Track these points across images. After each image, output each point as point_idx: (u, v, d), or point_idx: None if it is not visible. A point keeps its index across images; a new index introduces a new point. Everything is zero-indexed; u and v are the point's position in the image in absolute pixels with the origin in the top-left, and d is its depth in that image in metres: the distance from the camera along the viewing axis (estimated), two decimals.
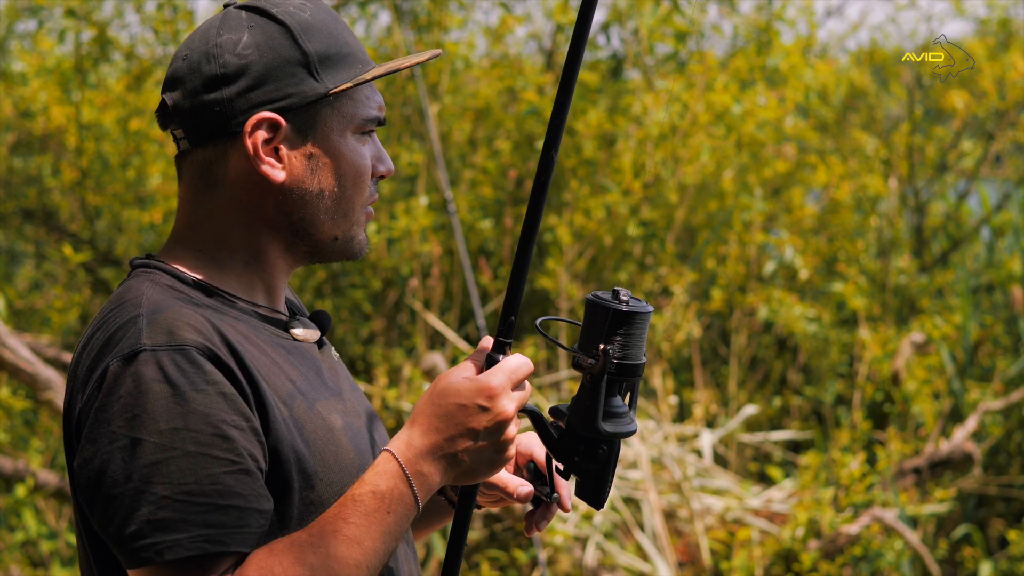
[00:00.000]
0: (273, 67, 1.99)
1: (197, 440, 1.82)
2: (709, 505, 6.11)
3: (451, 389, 1.92)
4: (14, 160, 8.26)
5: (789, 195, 7.80)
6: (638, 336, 1.98)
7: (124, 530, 1.81)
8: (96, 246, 7.61)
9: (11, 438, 6.24)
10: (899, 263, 8.17)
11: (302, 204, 2.03)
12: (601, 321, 1.97)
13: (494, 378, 1.92)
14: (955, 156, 8.81)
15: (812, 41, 8.46)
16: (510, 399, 1.92)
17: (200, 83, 1.99)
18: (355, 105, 2.04)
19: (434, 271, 7.12)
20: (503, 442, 1.93)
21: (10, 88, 8.03)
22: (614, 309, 1.96)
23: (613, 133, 7.26)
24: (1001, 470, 7.23)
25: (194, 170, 2.04)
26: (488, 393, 1.91)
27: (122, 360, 1.85)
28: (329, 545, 1.85)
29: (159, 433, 1.82)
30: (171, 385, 1.83)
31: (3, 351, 5.47)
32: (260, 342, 1.99)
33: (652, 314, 2.01)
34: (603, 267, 7.31)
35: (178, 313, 1.90)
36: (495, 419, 1.91)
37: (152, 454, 1.81)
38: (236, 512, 1.83)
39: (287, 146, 2.01)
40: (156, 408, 1.82)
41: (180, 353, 1.85)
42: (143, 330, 1.87)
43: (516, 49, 8.10)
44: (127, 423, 1.83)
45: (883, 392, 7.11)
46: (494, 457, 1.94)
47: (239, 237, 2.04)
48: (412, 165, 7.42)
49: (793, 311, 7.09)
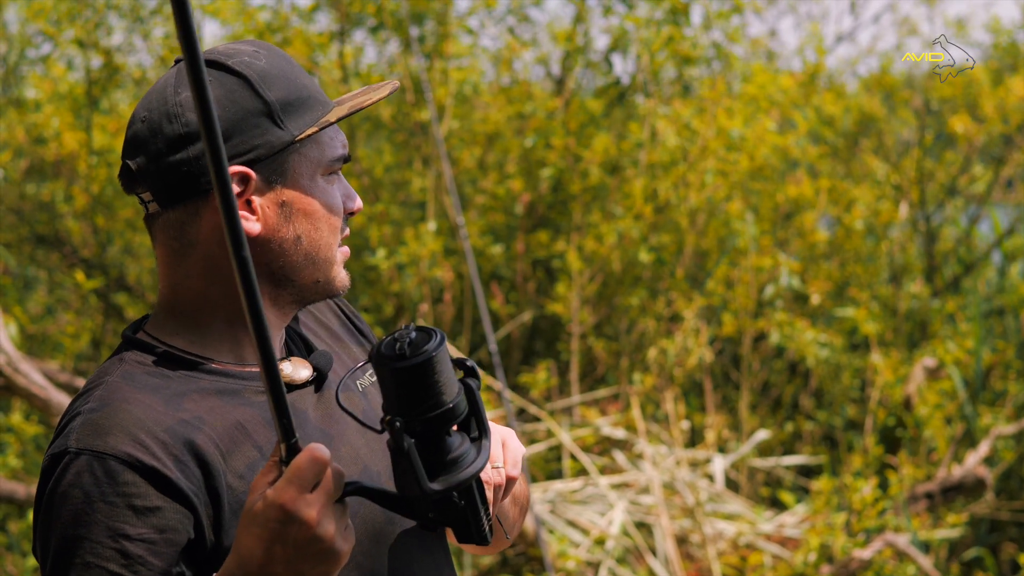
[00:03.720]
0: (236, 120, 1.95)
1: (95, 552, 1.81)
2: (721, 530, 6.10)
3: (247, 517, 1.77)
4: (27, 186, 8.28)
5: (800, 220, 7.80)
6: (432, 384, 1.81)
7: None
8: (108, 272, 7.63)
9: (24, 463, 6.25)
10: (911, 288, 8.16)
11: (280, 253, 1.99)
12: (387, 381, 1.81)
13: (281, 493, 1.74)
14: (966, 181, 8.81)
15: (820, 68, 8.48)
16: (307, 504, 1.74)
17: (164, 145, 1.94)
18: (321, 148, 2.01)
19: (446, 296, 7.13)
20: (321, 549, 1.76)
21: (23, 114, 8.07)
22: (390, 368, 1.80)
23: (620, 159, 7.27)
24: (1013, 495, 7.21)
25: (167, 232, 1.99)
26: (279, 511, 1.74)
27: (51, 458, 1.87)
28: None
29: (64, 539, 1.82)
30: (83, 491, 1.82)
31: (16, 376, 5.47)
32: (229, 409, 1.95)
33: (443, 344, 1.81)
34: (613, 292, 7.31)
35: (121, 412, 1.87)
36: (300, 531, 1.74)
37: (57, 557, 1.83)
38: None
39: (258, 198, 1.97)
40: (65, 514, 1.82)
41: (99, 460, 1.83)
42: (75, 429, 1.86)
43: (524, 74, 8.13)
44: (44, 523, 1.85)
45: (895, 417, 7.10)
46: (320, 566, 1.78)
47: (219, 295, 2.00)
48: (422, 191, 7.44)
49: (805, 336, 7.09)
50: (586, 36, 7.60)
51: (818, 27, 8.12)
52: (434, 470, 1.83)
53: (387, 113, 7.47)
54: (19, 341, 6.37)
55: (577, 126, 7.27)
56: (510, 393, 6.37)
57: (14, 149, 8.14)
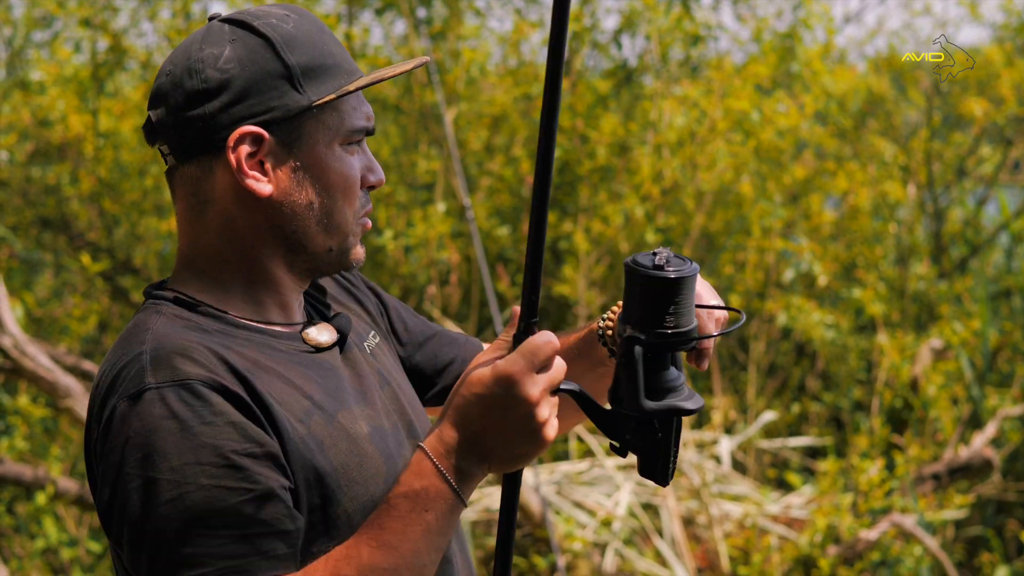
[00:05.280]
0: (255, 80, 1.97)
1: (210, 473, 1.82)
2: (728, 511, 6.10)
3: (473, 379, 1.85)
4: (32, 169, 8.28)
5: (807, 201, 7.78)
6: (677, 303, 1.84)
7: (153, 570, 1.82)
8: (114, 255, 7.63)
9: (31, 446, 6.26)
10: (918, 269, 8.15)
11: (292, 217, 2.01)
12: (634, 289, 1.86)
13: (512, 364, 1.83)
14: (974, 162, 8.79)
15: (831, 47, 8.46)
16: (533, 383, 1.83)
17: (183, 99, 1.98)
18: (341, 116, 2.03)
19: (452, 278, 7.13)
20: (533, 428, 1.84)
21: (28, 97, 8.06)
22: (653, 276, 1.84)
23: (628, 140, 7.25)
24: (1020, 476, 7.20)
25: (185, 187, 2.03)
26: (506, 380, 1.82)
27: (128, 400, 1.86)
28: (363, 554, 1.84)
29: (171, 470, 1.81)
30: (178, 421, 1.83)
31: (23, 359, 5.48)
32: (273, 364, 1.98)
33: (696, 273, 1.87)
34: (620, 274, 7.30)
35: (182, 347, 1.89)
36: (519, 405, 1.82)
37: (167, 492, 1.81)
38: (258, 540, 1.82)
39: (272, 160, 1.99)
40: (166, 445, 1.82)
41: (184, 388, 1.85)
42: (147, 368, 1.87)
43: (532, 56, 8.11)
44: (139, 463, 1.83)
45: (902, 398, 7.09)
46: (526, 443, 1.85)
47: (237, 255, 2.03)
48: (429, 172, 7.43)
49: (812, 317, 7.08)
50: (593, 17, 7.58)
51: (828, 7, 8.06)
52: (650, 391, 1.86)
53: (393, 95, 7.46)
54: (25, 324, 6.37)
55: (584, 107, 7.25)
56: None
57: (20, 132, 8.13)
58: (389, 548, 1.84)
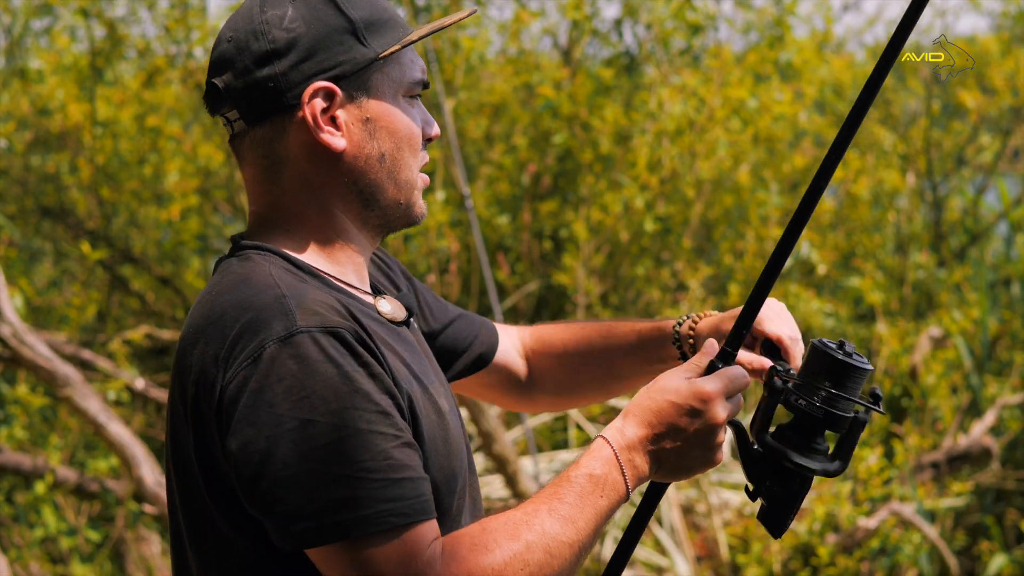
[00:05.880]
0: (321, 37, 2.00)
1: (365, 419, 1.82)
2: (727, 500, 6.11)
3: (669, 387, 1.97)
4: (31, 158, 8.27)
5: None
6: (850, 389, 2.00)
7: (302, 511, 1.80)
8: (113, 243, 7.63)
9: (30, 435, 6.26)
10: (917, 258, 8.15)
11: (366, 170, 2.04)
12: (817, 364, 2.02)
13: (711, 383, 1.97)
14: (973, 151, 8.79)
15: (829, 36, 8.45)
16: (723, 406, 1.97)
17: (251, 61, 1.99)
18: (402, 69, 2.06)
19: (451, 267, 7.12)
20: (710, 447, 1.98)
21: (27, 86, 8.05)
22: (831, 356, 2.00)
23: (629, 128, 7.25)
24: (1019, 464, 7.20)
25: (255, 150, 2.04)
26: (703, 396, 1.96)
27: (279, 341, 1.84)
28: (545, 522, 1.87)
29: (330, 413, 1.81)
30: (335, 365, 1.83)
31: (22, 348, 5.48)
32: (375, 327, 1.99)
33: (869, 373, 2.05)
34: (620, 263, 7.30)
35: (318, 296, 1.91)
36: (705, 423, 1.96)
37: (326, 435, 1.80)
38: (410, 484, 1.83)
39: (344, 114, 2.01)
40: (324, 389, 1.82)
41: (334, 335, 1.85)
42: (293, 311, 1.86)
43: (531, 45, 8.10)
44: (294, 405, 1.81)
45: (901, 386, 7.10)
46: (699, 459, 1.99)
47: (315, 214, 2.05)
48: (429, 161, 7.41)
49: (811, 306, 7.08)
50: (594, 6, 7.57)
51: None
52: (800, 448, 2.02)
53: None
54: (25, 313, 6.37)
55: (584, 96, 7.25)
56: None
57: (18, 120, 8.12)
58: (568, 522, 1.89)
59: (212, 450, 1.89)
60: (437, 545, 1.84)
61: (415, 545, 1.82)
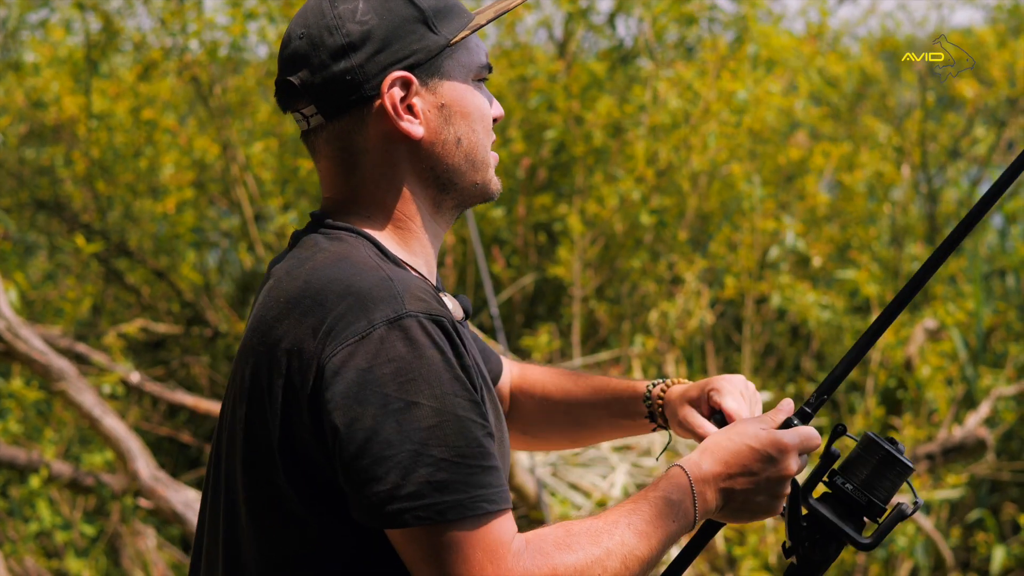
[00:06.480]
0: (394, 27, 2.04)
1: (463, 406, 1.88)
2: None
3: (748, 432, 2.09)
4: (26, 150, 8.26)
5: (802, 183, 7.78)
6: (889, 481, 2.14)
7: (399, 491, 1.84)
8: (108, 237, 7.62)
9: (25, 429, 6.25)
10: (912, 250, 8.15)
11: (444, 155, 2.08)
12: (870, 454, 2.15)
13: (789, 436, 2.08)
14: (968, 143, 8.78)
15: (823, 28, 8.44)
16: (795, 460, 2.08)
17: (327, 55, 2.03)
18: (470, 53, 2.11)
19: (447, 260, 7.12)
20: (775, 495, 2.08)
21: (22, 78, 8.04)
22: (886, 449, 2.13)
23: (623, 121, 7.25)
24: (1014, 456, 7.22)
25: (333, 143, 2.08)
26: (780, 447, 2.07)
27: (388, 323, 1.88)
28: (624, 534, 1.95)
29: (435, 397, 1.86)
30: (440, 351, 1.89)
31: (16, 342, 5.48)
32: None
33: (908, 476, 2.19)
34: (615, 255, 7.30)
35: (419, 283, 1.96)
36: (778, 472, 2.07)
37: (429, 418, 1.85)
38: (496, 473, 1.89)
39: (420, 102, 2.06)
40: (430, 373, 1.87)
41: (437, 323, 1.90)
42: (401, 296, 1.91)
43: (527, 37, 8.09)
44: (401, 387, 1.86)
45: (896, 379, 7.10)
46: (763, 505, 2.08)
47: (393, 201, 2.09)
48: None
49: (806, 298, 7.08)
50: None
51: None
52: (844, 519, 2.12)
53: None
54: (19, 307, 6.36)
55: (579, 89, 7.24)
56: (512, 356, 6.37)
57: (13, 113, 8.11)
58: (644, 537, 1.98)
59: (296, 422, 1.92)
60: (521, 538, 1.90)
61: (503, 533, 1.87)
